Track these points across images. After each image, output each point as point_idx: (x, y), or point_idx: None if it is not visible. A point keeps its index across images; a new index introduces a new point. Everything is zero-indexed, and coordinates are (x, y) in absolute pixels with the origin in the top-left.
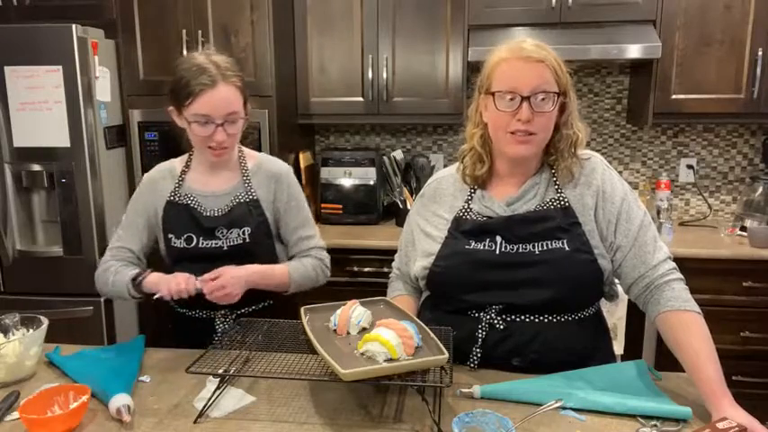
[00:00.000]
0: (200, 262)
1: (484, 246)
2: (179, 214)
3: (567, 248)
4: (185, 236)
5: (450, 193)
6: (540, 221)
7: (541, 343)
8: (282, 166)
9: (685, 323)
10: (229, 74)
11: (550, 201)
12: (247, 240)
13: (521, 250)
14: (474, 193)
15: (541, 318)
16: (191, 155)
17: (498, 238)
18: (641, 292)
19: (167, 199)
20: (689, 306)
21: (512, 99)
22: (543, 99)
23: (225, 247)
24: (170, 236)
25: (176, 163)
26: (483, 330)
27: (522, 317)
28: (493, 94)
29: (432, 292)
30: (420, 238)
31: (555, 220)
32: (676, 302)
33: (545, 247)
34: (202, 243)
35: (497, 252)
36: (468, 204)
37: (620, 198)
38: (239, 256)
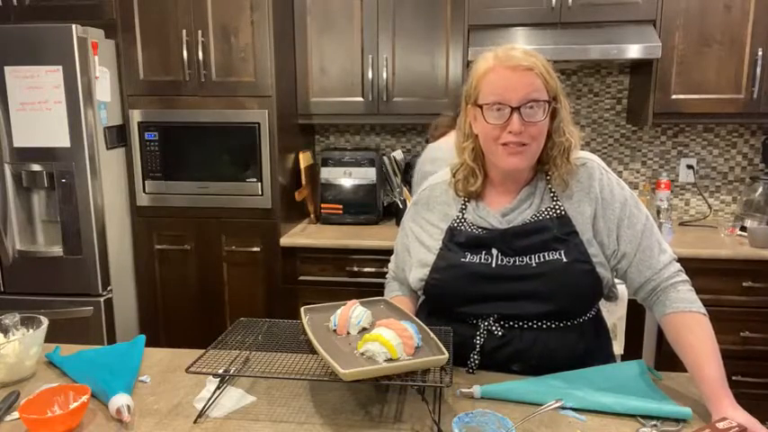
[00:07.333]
0: None
1: (479, 259)
2: None
3: (564, 259)
4: None
5: (443, 201)
6: (536, 233)
7: (541, 349)
8: None
9: (689, 324)
10: None
11: (546, 210)
12: None
13: (517, 263)
14: (468, 202)
15: (540, 324)
16: None
17: (494, 251)
18: (647, 295)
19: None
20: (694, 307)
21: (500, 110)
22: (533, 108)
23: None
24: None
25: None
26: (481, 337)
27: (521, 323)
28: (481, 106)
29: (428, 302)
30: (415, 247)
31: (551, 230)
32: (681, 304)
33: (542, 259)
34: None
35: (494, 265)
36: (463, 214)
37: (621, 204)
38: None
